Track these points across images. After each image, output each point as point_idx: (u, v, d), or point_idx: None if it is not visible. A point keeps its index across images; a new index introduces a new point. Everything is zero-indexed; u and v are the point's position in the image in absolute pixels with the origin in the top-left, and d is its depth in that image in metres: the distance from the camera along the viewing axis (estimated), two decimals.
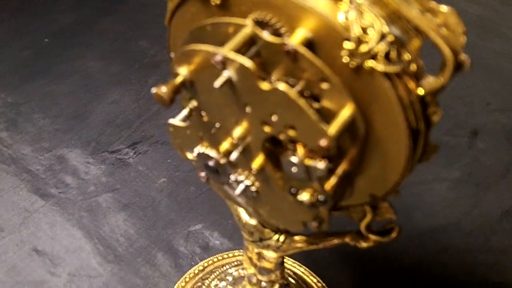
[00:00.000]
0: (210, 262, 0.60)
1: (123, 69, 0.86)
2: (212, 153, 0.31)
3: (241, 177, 0.31)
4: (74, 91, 0.82)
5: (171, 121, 0.32)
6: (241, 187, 0.31)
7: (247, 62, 0.24)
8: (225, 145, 0.29)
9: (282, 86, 0.24)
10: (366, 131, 0.27)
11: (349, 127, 0.26)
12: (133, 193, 0.68)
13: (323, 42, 0.25)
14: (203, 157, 0.31)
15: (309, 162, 0.26)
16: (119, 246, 0.62)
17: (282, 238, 0.40)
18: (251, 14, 0.27)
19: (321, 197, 0.28)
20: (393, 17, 0.24)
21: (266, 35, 0.25)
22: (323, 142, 0.24)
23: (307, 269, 0.60)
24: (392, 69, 0.24)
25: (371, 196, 0.31)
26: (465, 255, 0.63)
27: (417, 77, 0.25)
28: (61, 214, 0.65)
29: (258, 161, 0.29)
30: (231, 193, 0.34)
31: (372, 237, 0.36)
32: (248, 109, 0.26)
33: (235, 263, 0.59)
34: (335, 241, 0.38)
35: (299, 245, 0.40)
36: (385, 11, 0.24)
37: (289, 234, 0.40)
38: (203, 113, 0.29)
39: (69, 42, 0.91)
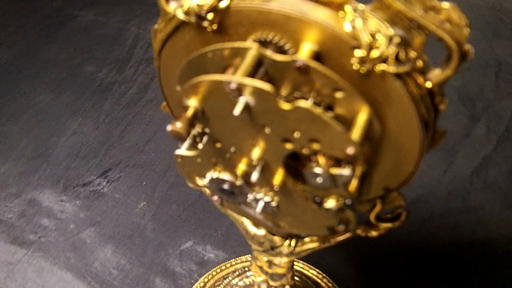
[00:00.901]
0: (210, 276, 0.60)
1: (75, 98, 0.83)
2: (227, 176, 0.30)
3: (259, 195, 0.31)
4: (30, 128, 0.78)
5: (178, 152, 0.31)
6: (261, 204, 0.31)
7: (266, 86, 0.24)
8: (241, 167, 0.29)
9: (304, 104, 0.24)
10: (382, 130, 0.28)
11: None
12: (115, 222, 0.67)
13: (330, 52, 0.25)
14: (217, 181, 0.31)
15: (334, 170, 0.26)
16: (114, 280, 0.61)
17: (293, 242, 0.41)
18: (251, 35, 0.27)
19: (348, 201, 0.28)
20: (395, 18, 0.25)
21: (274, 55, 0.25)
22: (350, 150, 0.25)
23: (305, 263, 0.61)
24: (403, 69, 0.25)
25: (385, 189, 0.32)
26: (448, 219, 0.66)
27: (424, 72, 0.26)
28: (46, 259, 0.63)
29: (278, 177, 0.29)
30: (249, 211, 0.34)
31: (383, 225, 0.37)
32: (267, 130, 0.26)
33: (236, 272, 0.59)
34: (347, 235, 0.39)
35: (311, 245, 0.40)
36: (386, 14, 0.25)
37: (299, 237, 0.41)
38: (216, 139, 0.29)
39: (14, 77, 0.87)
